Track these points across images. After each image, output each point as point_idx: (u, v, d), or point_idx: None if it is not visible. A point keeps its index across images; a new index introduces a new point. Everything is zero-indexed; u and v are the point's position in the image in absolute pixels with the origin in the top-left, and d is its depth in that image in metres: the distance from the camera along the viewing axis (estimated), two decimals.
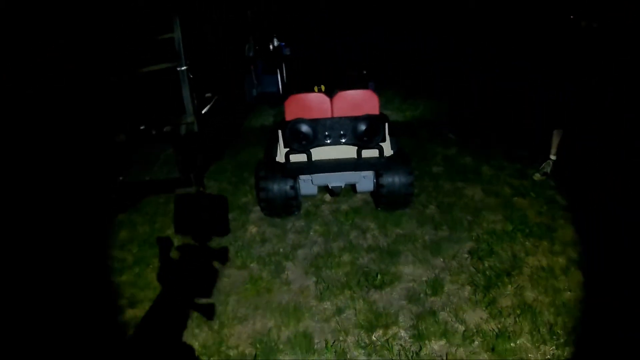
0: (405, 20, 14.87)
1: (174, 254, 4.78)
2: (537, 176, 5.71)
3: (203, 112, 6.04)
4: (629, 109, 5.78)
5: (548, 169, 5.72)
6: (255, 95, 9.66)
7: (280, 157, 4.83)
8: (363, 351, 3.42)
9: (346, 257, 4.52)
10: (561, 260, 4.25)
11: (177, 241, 4.96)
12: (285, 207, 5.09)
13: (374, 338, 3.53)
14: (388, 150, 4.73)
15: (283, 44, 10.31)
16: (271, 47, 10.08)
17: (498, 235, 4.66)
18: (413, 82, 10.62)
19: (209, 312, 3.92)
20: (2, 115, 4.54)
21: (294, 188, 4.96)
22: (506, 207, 5.14)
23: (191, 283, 4.31)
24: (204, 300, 4.08)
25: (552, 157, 5.74)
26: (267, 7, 11.00)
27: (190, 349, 3.55)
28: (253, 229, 5.16)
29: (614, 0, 5.84)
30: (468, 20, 13.24)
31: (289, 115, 4.81)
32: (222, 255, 4.71)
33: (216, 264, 4.58)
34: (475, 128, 7.56)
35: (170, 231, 5.15)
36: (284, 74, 9.67)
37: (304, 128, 4.63)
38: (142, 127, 5.30)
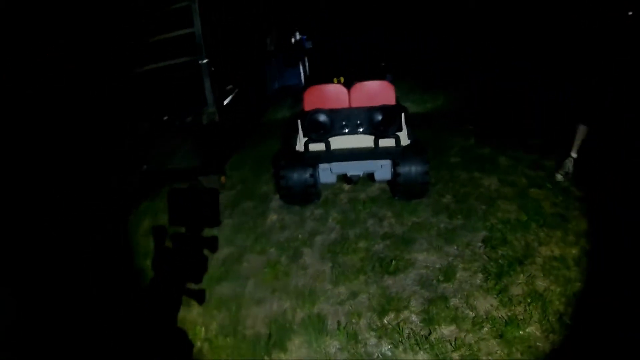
0: (416, 19, 14.75)
1: (192, 241, 4.97)
2: (558, 177, 5.50)
3: (225, 103, 6.22)
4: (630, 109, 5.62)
5: (569, 168, 5.50)
6: (277, 88, 9.82)
7: (299, 147, 4.97)
8: (374, 333, 3.54)
9: (362, 244, 4.64)
10: (574, 250, 4.27)
11: (195, 229, 5.16)
12: (304, 195, 5.23)
13: (385, 321, 3.65)
14: (404, 140, 4.82)
15: (305, 37, 10.43)
16: (293, 40, 10.22)
17: (512, 224, 4.70)
18: (433, 74, 10.62)
19: (227, 295, 4.10)
20: (24, 106, 4.77)
21: (314, 176, 5.10)
22: (521, 197, 5.16)
23: (210, 268, 4.50)
24: (223, 284, 4.26)
25: (574, 154, 5.50)
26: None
27: (208, 329, 3.74)
28: (273, 217, 5.32)
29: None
30: (474, 19, 13.10)
31: (308, 106, 4.95)
32: (242, 242, 4.88)
33: (236, 250, 4.75)
34: (494, 119, 7.57)
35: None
36: (306, 67, 9.79)
37: (322, 118, 4.76)
38: (165, 118, 5.50)
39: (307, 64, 9.78)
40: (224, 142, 6.08)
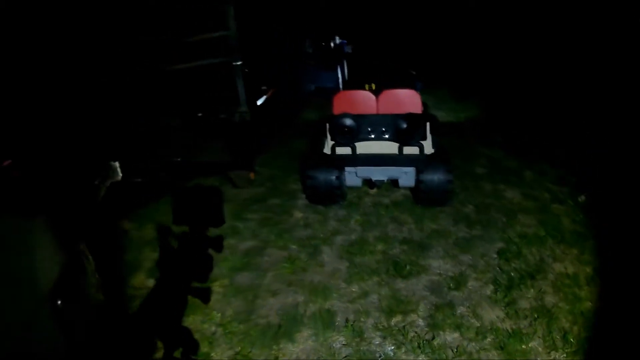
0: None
1: (219, 234, 5.22)
2: (582, 198, 5.49)
3: (258, 103, 6.48)
4: None
5: (593, 192, 5.51)
6: (313, 90, 10.01)
7: (327, 149, 5.17)
8: (379, 333, 3.68)
9: (380, 247, 4.80)
10: (588, 269, 4.30)
11: (224, 223, 5.42)
12: (329, 196, 5.42)
13: (391, 323, 3.78)
14: (429, 148, 4.95)
15: (345, 42, 10.58)
16: (332, 44, 10.39)
17: (529, 238, 4.77)
18: (468, 83, 10.61)
19: (245, 284, 4.33)
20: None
21: (339, 178, 5.28)
22: (542, 212, 5.21)
23: (233, 258, 4.74)
24: (243, 274, 4.49)
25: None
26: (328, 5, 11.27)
27: (224, 315, 3.97)
28: (298, 215, 5.53)
29: None
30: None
31: (337, 110, 5.15)
32: (266, 236, 5.11)
33: (259, 244, 4.98)
34: (524, 131, 7.56)
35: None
36: (345, 71, 9.95)
37: (349, 122, 4.94)
38: (199, 114, 5.77)
39: (345, 68, 9.94)
40: (255, 140, 6.32)
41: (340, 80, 9.76)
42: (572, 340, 3.52)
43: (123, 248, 5.01)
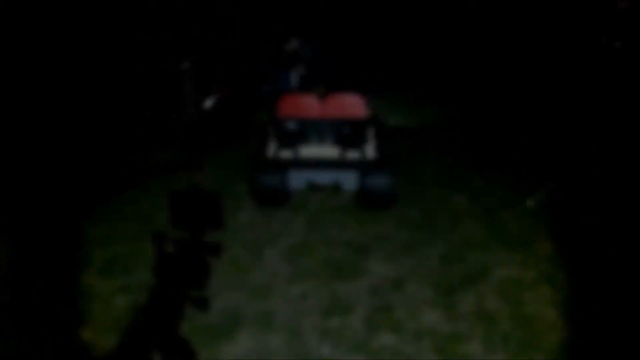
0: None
1: (169, 235, 5.08)
2: (530, 203, 5.51)
3: (208, 104, 6.43)
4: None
5: (543, 197, 5.53)
6: (268, 92, 9.94)
7: (271, 152, 5.14)
8: (316, 334, 3.65)
9: (322, 249, 4.75)
10: (532, 274, 4.33)
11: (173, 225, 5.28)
12: (274, 198, 5.36)
13: (329, 324, 3.75)
14: (370, 153, 4.98)
15: (303, 44, 10.52)
16: (289, 46, 10.34)
17: (473, 243, 4.77)
18: (426, 88, 10.65)
19: (189, 286, 4.23)
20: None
21: (283, 181, 5.22)
22: (489, 217, 5.21)
23: (179, 260, 4.61)
24: (188, 275, 4.38)
25: (549, 184, 5.59)
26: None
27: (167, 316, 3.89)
28: (244, 216, 5.42)
29: None
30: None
31: (282, 113, 5.13)
32: (210, 238, 4.99)
33: (203, 245, 4.86)
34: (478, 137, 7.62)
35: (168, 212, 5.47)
36: (302, 73, 9.91)
37: (293, 126, 4.94)
38: (147, 114, 5.68)
39: (303, 71, 9.90)
40: (203, 141, 6.27)
41: (295, 83, 9.73)
42: (513, 343, 3.55)
43: (74, 246, 4.89)
